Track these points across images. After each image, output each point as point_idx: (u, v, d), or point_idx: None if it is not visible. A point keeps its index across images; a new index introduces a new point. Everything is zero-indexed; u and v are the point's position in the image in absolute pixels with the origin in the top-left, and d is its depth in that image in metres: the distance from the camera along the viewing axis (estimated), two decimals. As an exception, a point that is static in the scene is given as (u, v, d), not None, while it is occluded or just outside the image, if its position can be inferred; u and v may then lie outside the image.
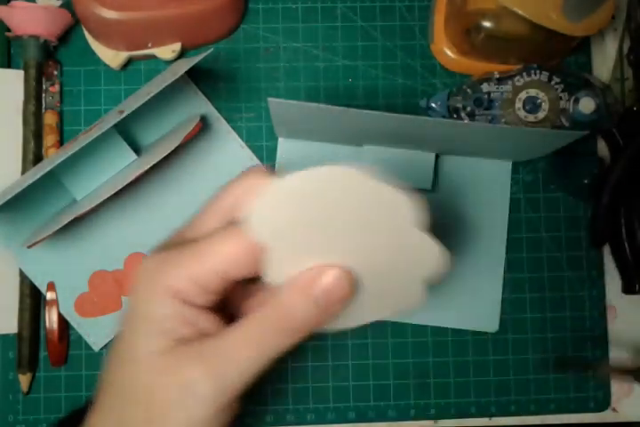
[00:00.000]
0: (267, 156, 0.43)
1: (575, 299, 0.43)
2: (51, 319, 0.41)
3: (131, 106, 0.35)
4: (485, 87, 0.41)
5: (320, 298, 0.27)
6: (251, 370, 0.27)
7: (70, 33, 0.43)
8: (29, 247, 0.36)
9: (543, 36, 0.38)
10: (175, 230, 0.30)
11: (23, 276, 0.41)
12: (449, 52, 0.43)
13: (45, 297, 0.41)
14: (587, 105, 0.40)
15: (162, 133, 0.42)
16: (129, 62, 0.43)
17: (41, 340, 0.41)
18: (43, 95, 0.42)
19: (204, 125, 0.42)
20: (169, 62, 0.42)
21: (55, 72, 0.42)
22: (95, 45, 0.42)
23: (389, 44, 0.44)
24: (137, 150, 0.40)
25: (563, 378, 0.43)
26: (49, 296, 0.41)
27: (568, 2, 0.36)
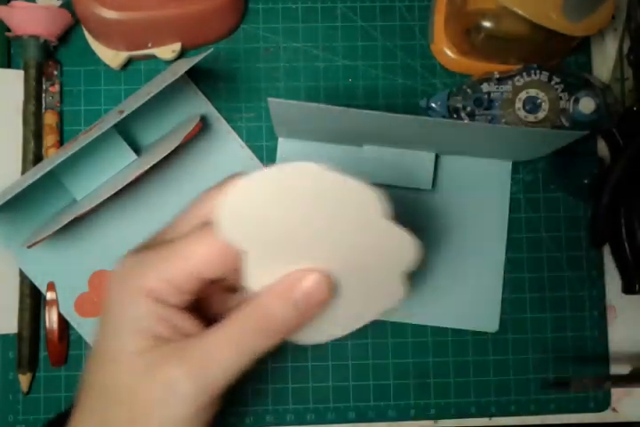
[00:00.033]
0: (267, 156, 0.43)
1: (575, 299, 0.43)
2: (51, 319, 0.41)
3: (131, 106, 0.35)
4: (485, 87, 0.41)
5: (299, 301, 0.28)
6: (231, 370, 0.27)
7: (70, 33, 0.43)
8: (29, 247, 0.36)
9: (543, 36, 0.38)
10: (155, 232, 0.30)
11: (23, 276, 0.41)
12: (449, 52, 0.43)
13: (45, 297, 0.41)
14: (587, 105, 0.40)
15: (162, 133, 0.42)
16: (129, 62, 0.43)
17: (41, 340, 0.41)
18: (43, 95, 0.42)
19: (204, 125, 0.42)
20: (169, 62, 0.42)
21: (55, 72, 0.42)
22: (95, 45, 0.42)
23: (389, 44, 0.44)
24: (137, 150, 0.40)
25: (563, 378, 0.43)
26: (49, 296, 0.41)
27: (568, 2, 0.36)
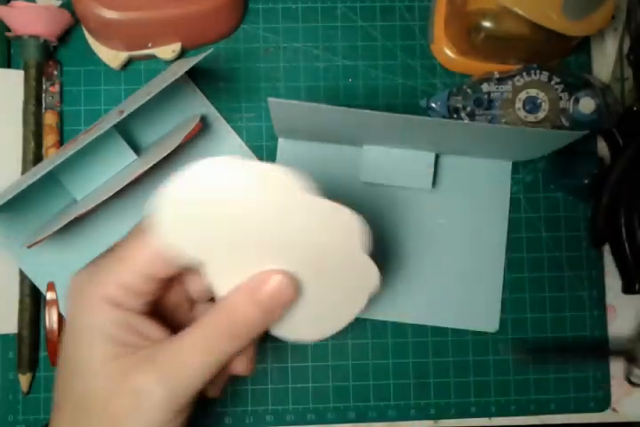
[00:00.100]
0: (267, 156, 0.43)
1: (575, 299, 0.43)
2: (51, 319, 0.41)
3: (131, 106, 0.35)
4: (485, 87, 0.41)
5: (265, 302, 0.28)
6: (202, 374, 0.27)
7: (70, 33, 0.43)
8: (29, 247, 0.36)
9: (543, 36, 0.38)
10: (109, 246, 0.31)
11: (23, 276, 0.41)
12: (449, 52, 0.43)
13: (45, 297, 0.41)
14: (587, 105, 0.40)
15: (162, 133, 0.42)
16: (129, 62, 0.43)
17: (41, 340, 0.41)
18: (43, 95, 0.42)
19: (204, 125, 0.42)
20: (169, 62, 0.42)
21: (55, 72, 0.42)
22: (95, 45, 0.42)
23: (389, 44, 0.44)
24: (137, 150, 0.40)
25: (563, 378, 0.43)
26: (49, 296, 0.41)
27: (568, 2, 0.36)
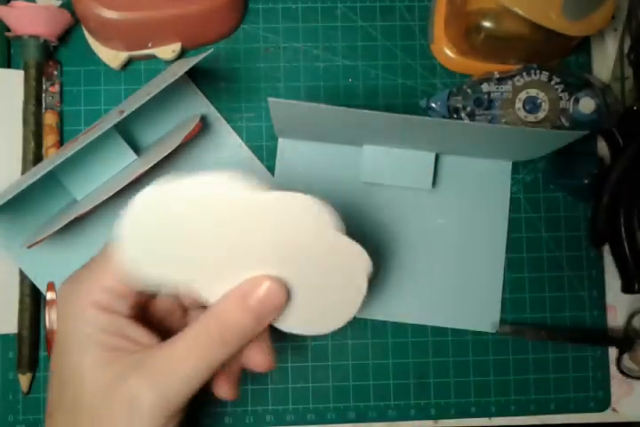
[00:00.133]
0: (267, 156, 0.43)
1: (575, 299, 0.43)
2: (51, 319, 0.41)
3: (131, 106, 0.35)
4: (485, 87, 0.41)
5: (255, 308, 0.28)
6: (193, 380, 0.27)
7: (70, 33, 0.43)
8: (29, 247, 0.36)
9: (543, 36, 0.38)
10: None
11: (23, 276, 0.41)
12: (449, 52, 0.43)
13: (45, 297, 0.41)
14: (587, 105, 0.40)
15: (162, 133, 0.42)
16: (129, 62, 0.43)
17: (41, 340, 0.41)
18: (43, 95, 0.42)
19: (204, 125, 0.42)
20: (169, 62, 0.42)
21: (55, 72, 0.42)
22: (95, 45, 0.42)
23: (389, 44, 0.44)
24: (137, 150, 0.40)
25: (563, 378, 0.43)
26: (49, 296, 0.41)
27: (568, 2, 0.36)
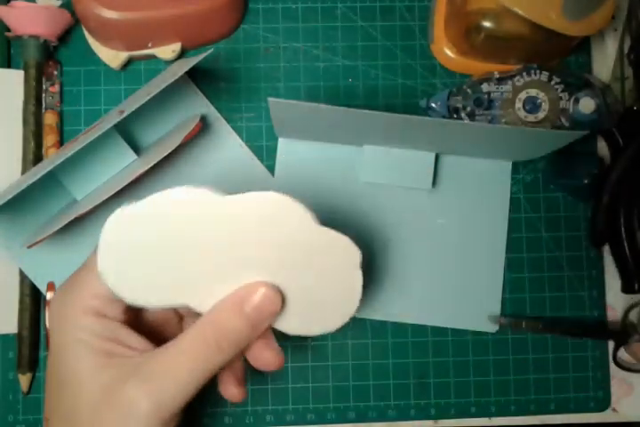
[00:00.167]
0: (267, 156, 0.43)
1: (575, 299, 0.43)
2: (51, 319, 0.41)
3: (131, 106, 0.35)
4: (485, 87, 0.41)
5: (251, 315, 0.28)
6: (189, 385, 0.28)
7: (70, 33, 0.43)
8: (29, 247, 0.36)
9: (543, 36, 0.38)
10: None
11: (23, 276, 0.41)
12: (449, 52, 0.43)
13: (45, 297, 0.41)
14: (587, 105, 0.40)
15: (162, 133, 0.42)
16: (129, 62, 0.43)
17: (41, 340, 0.41)
18: (43, 95, 0.42)
19: (204, 125, 0.42)
20: (169, 62, 0.42)
21: (55, 72, 0.42)
22: (95, 45, 0.42)
23: (389, 44, 0.44)
24: (137, 150, 0.40)
25: (563, 378, 0.43)
26: (49, 296, 0.41)
27: (568, 2, 0.36)
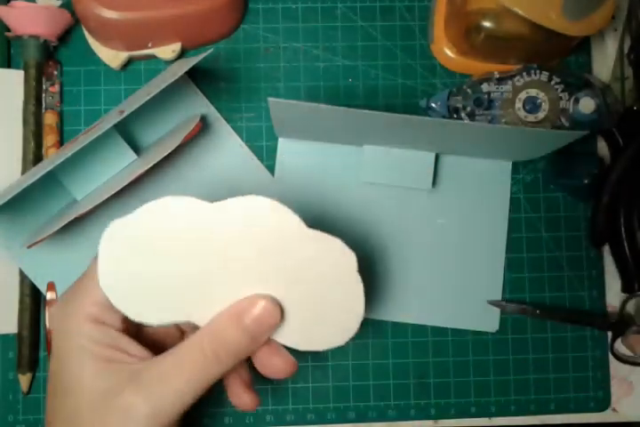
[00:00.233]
0: (267, 156, 0.43)
1: (575, 299, 0.43)
2: (51, 319, 0.41)
3: (131, 106, 0.35)
4: (485, 87, 0.41)
5: (250, 327, 0.29)
6: (187, 395, 0.28)
7: (70, 33, 0.43)
8: (29, 247, 0.36)
9: (543, 36, 0.38)
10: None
11: (23, 276, 0.41)
12: (449, 52, 0.43)
13: (45, 297, 0.41)
14: (587, 105, 0.40)
15: (162, 133, 0.42)
16: (129, 62, 0.43)
17: (41, 340, 0.41)
18: (43, 95, 0.42)
19: (204, 125, 0.42)
20: (169, 62, 0.42)
21: (55, 72, 0.42)
22: (95, 45, 0.42)
23: (389, 44, 0.44)
24: (137, 150, 0.40)
25: (563, 378, 0.43)
26: (49, 296, 0.41)
27: (568, 2, 0.36)
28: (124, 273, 0.28)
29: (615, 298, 0.44)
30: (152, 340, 0.32)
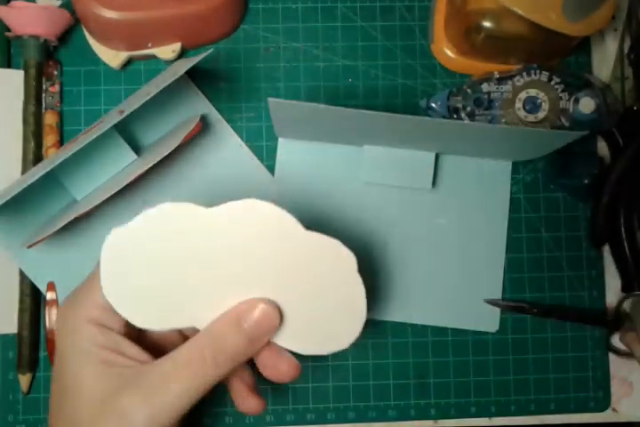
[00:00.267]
0: (267, 156, 0.43)
1: (575, 299, 0.43)
2: (51, 319, 0.41)
3: (131, 106, 0.35)
4: (485, 87, 0.41)
5: (249, 330, 0.29)
6: (185, 399, 0.28)
7: (70, 33, 0.43)
8: (29, 247, 0.36)
9: (543, 36, 0.38)
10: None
11: (23, 276, 0.41)
12: (449, 52, 0.43)
13: (45, 297, 0.41)
14: (587, 105, 0.40)
15: (162, 133, 0.42)
16: (129, 62, 0.43)
17: (41, 340, 0.41)
18: (43, 95, 0.42)
19: (204, 125, 0.42)
20: (169, 62, 0.42)
21: (55, 72, 0.42)
22: (95, 45, 0.42)
23: (389, 44, 0.44)
24: (137, 150, 0.40)
25: (563, 378, 0.43)
26: (49, 296, 0.41)
27: (568, 2, 0.36)
28: (126, 280, 0.29)
29: (615, 298, 0.44)
30: (153, 343, 0.32)
